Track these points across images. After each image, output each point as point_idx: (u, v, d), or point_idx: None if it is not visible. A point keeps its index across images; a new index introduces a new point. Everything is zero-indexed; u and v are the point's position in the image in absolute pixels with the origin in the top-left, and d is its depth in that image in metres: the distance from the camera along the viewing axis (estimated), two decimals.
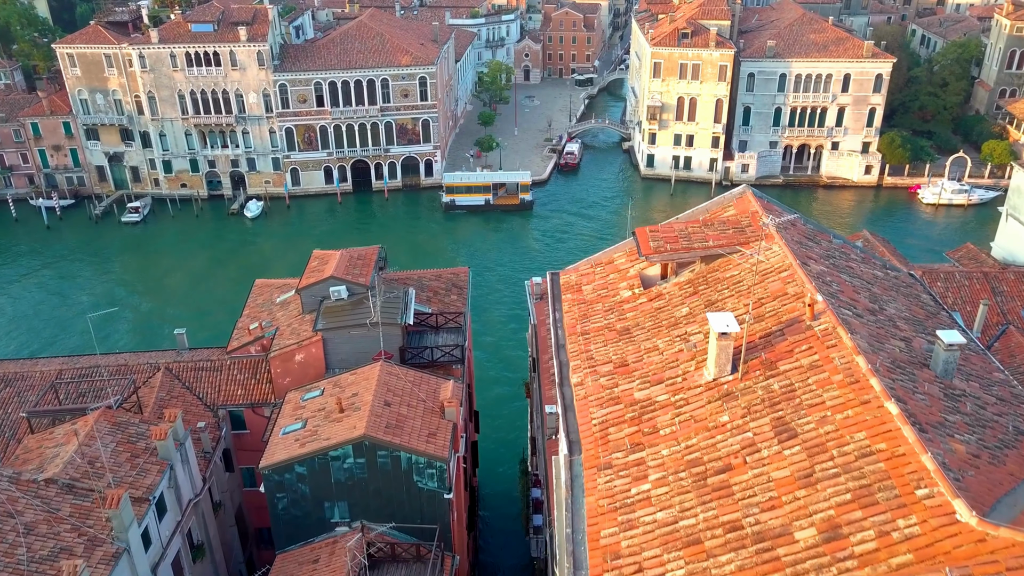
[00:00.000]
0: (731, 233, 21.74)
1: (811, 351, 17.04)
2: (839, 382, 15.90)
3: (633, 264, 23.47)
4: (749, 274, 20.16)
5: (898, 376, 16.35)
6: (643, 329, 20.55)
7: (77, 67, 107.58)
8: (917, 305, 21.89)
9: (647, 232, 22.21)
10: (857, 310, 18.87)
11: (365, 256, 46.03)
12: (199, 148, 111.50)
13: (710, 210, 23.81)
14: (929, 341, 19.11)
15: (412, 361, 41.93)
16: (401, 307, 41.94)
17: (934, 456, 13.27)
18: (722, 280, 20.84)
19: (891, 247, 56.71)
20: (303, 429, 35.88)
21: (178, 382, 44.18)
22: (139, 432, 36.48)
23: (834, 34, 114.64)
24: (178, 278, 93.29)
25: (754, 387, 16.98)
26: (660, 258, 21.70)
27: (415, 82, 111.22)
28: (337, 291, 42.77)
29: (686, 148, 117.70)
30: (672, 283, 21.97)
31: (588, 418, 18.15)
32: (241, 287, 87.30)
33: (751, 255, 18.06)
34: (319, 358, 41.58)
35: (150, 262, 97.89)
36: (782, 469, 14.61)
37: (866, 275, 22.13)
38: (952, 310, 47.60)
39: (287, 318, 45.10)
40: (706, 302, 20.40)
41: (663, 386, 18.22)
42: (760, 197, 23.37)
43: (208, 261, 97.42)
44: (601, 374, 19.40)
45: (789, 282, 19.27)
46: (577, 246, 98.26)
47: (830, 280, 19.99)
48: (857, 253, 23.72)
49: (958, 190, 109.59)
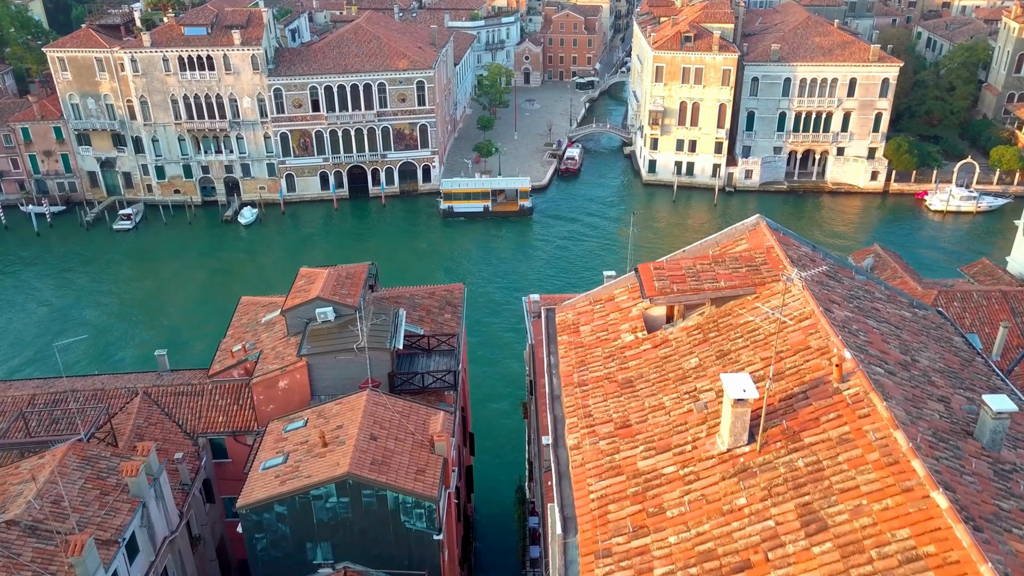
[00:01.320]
0: (744, 272, 19.61)
1: (841, 420, 14.93)
2: (875, 462, 13.79)
3: (636, 303, 21.36)
4: (766, 321, 18.05)
5: (942, 452, 14.25)
6: (647, 382, 18.44)
7: (68, 71, 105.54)
8: (950, 351, 19.77)
9: (651, 270, 20.06)
10: (888, 365, 16.74)
11: (354, 275, 43.89)
12: (192, 154, 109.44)
13: (720, 243, 21.66)
14: (969, 399, 16.99)
15: (402, 387, 39.80)
16: (390, 330, 39.80)
17: (995, 567, 11.16)
18: (735, 327, 18.73)
19: (903, 262, 54.58)
20: (284, 464, 33.74)
21: (157, 408, 42.08)
22: (110, 467, 34.32)
23: (839, 38, 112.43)
24: (167, 290, 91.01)
25: (775, 462, 14.88)
26: (666, 300, 19.58)
27: (412, 86, 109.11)
28: (323, 313, 40.66)
29: (689, 154, 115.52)
30: (679, 327, 19.84)
31: (585, 491, 16.05)
32: (232, 299, 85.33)
33: (772, 313, 15.97)
34: (304, 384, 39.46)
35: (140, 272, 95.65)
36: (812, 572, 12.49)
37: (893, 318, 19.99)
38: (970, 332, 45.47)
39: (272, 340, 42.97)
40: (717, 352, 18.28)
41: (670, 455, 16.11)
42: (775, 229, 21.22)
43: (200, 270, 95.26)
44: (600, 436, 17.29)
45: (812, 332, 17.17)
46: (578, 255, 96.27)
47: (857, 329, 17.86)
48: (881, 290, 21.57)
49: (966, 197, 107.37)
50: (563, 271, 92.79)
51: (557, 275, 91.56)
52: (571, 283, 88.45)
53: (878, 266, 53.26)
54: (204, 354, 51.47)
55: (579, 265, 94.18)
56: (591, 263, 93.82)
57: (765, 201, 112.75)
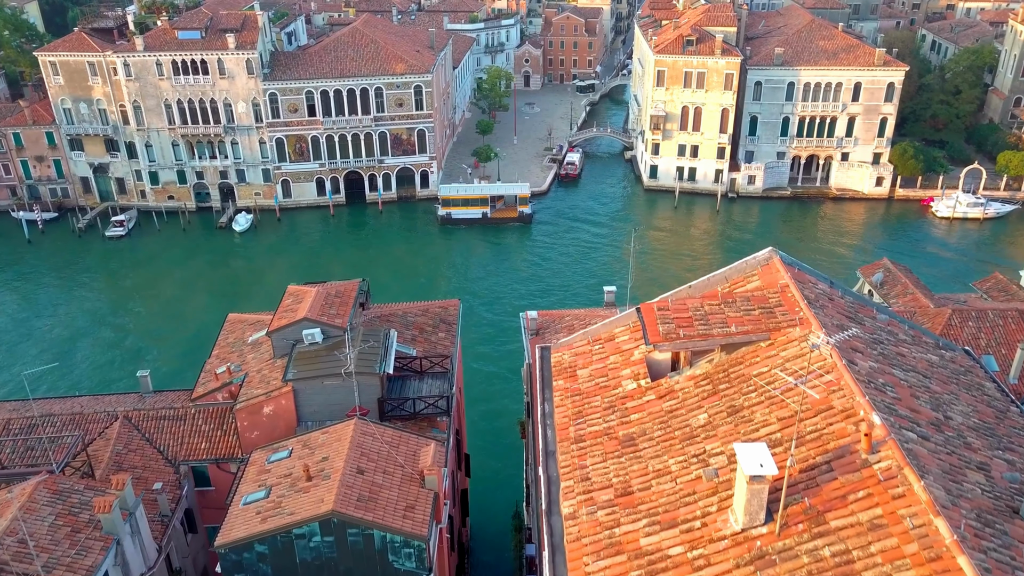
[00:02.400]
0: (757, 315, 17.87)
1: (872, 501, 13.19)
2: (914, 556, 12.03)
3: (638, 344, 19.61)
4: (782, 372, 16.30)
5: (989, 541, 12.52)
6: (651, 440, 16.70)
7: (60, 75, 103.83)
8: (982, 401, 18.02)
9: (655, 311, 18.30)
10: (921, 427, 15.00)
11: (344, 293, 42.13)
12: (186, 159, 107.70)
13: (730, 279, 19.88)
14: (1009, 464, 15.23)
15: (392, 413, 38.04)
16: (380, 353, 38.03)
17: None
18: (747, 378, 16.98)
19: (913, 276, 52.76)
20: (266, 499, 31.95)
21: (137, 433, 40.32)
22: (83, 501, 32.56)
23: (844, 41, 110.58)
24: (157, 301, 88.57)
25: (797, 549, 13.14)
26: (671, 347, 17.82)
27: (410, 91, 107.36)
28: (311, 334, 38.91)
29: (691, 159, 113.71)
30: (686, 375, 18.09)
31: (582, 571, 14.28)
32: (223, 310, 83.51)
33: (798, 384, 14.14)
34: (290, 410, 37.70)
35: (130, 282, 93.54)
36: None
37: (920, 364, 18.22)
38: (985, 353, 43.62)
39: (257, 362, 41.21)
40: (728, 408, 16.53)
41: (677, 532, 14.36)
42: (789, 264, 19.44)
43: (192, 280, 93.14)
44: (599, 504, 15.54)
45: (835, 389, 15.43)
46: (578, 264, 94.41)
47: (884, 383, 16.10)
48: (906, 330, 19.80)
49: (973, 203, 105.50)
50: (563, 280, 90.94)
51: (557, 285, 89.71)
52: (571, 294, 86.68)
53: (888, 281, 51.47)
54: (191, 371, 49.59)
55: (580, 273, 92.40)
56: (592, 273, 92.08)
57: (768, 207, 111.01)
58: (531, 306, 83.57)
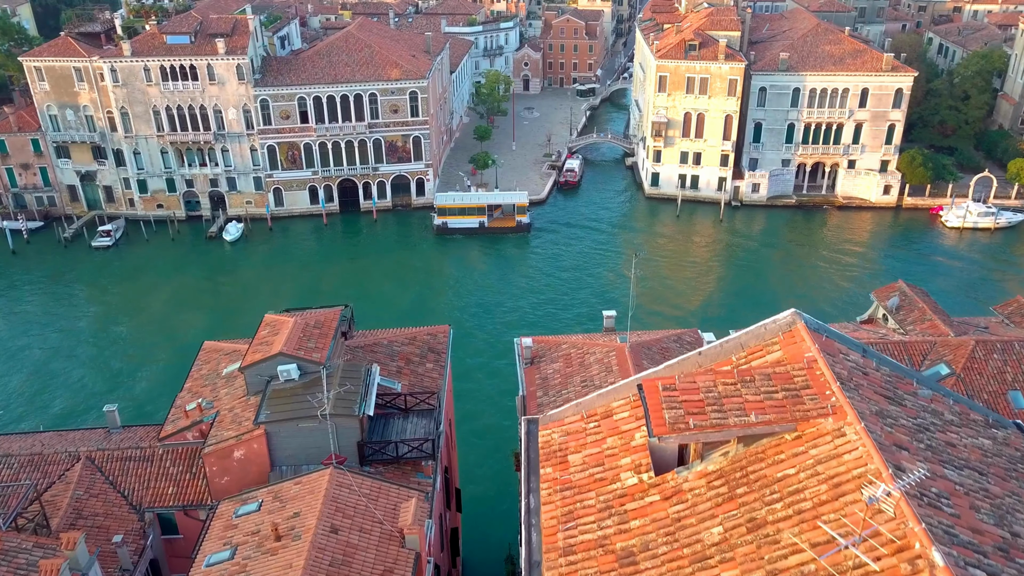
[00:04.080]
0: (781, 398, 15.07)
1: None
2: None
3: (639, 425, 16.80)
4: (812, 477, 13.50)
5: None
6: (655, 558, 13.86)
7: (45, 81, 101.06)
8: None
9: (659, 392, 15.44)
10: (988, 561, 12.16)
11: (324, 323, 39.24)
12: (176, 167, 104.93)
13: (746, 347, 17.01)
14: None
15: (373, 458, 35.21)
16: (360, 392, 35.22)
17: None
18: (770, 480, 14.17)
19: (931, 300, 49.87)
20: (230, 561, 29.12)
21: (100, 476, 37.50)
22: (30, 562, 29.72)
23: (851, 46, 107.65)
24: (142, 316, 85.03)
25: None
26: (679, 439, 14.99)
27: (405, 97, 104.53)
28: (286, 371, 36.06)
29: (693, 167, 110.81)
30: (696, 471, 15.26)
31: None
32: (210, 326, 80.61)
33: (848, 546, 11.18)
34: (262, 455, 34.87)
35: (115, 296, 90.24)
36: None
37: (974, 456, 15.39)
38: (1012, 388, 40.60)
39: (230, 398, 38.37)
40: (748, 521, 13.71)
41: None
42: (816, 329, 16.59)
43: (179, 293, 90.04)
44: None
45: (879, 511, 12.57)
46: (577, 279, 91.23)
47: (938, 492, 13.28)
48: (951, 406, 16.96)
49: (984, 213, 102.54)
50: (562, 294, 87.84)
51: (555, 299, 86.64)
52: (570, 309, 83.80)
53: (904, 306, 48.57)
54: (171, 397, 46.61)
55: (579, 287, 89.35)
56: (591, 286, 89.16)
57: (773, 216, 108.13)
58: (527, 321, 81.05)
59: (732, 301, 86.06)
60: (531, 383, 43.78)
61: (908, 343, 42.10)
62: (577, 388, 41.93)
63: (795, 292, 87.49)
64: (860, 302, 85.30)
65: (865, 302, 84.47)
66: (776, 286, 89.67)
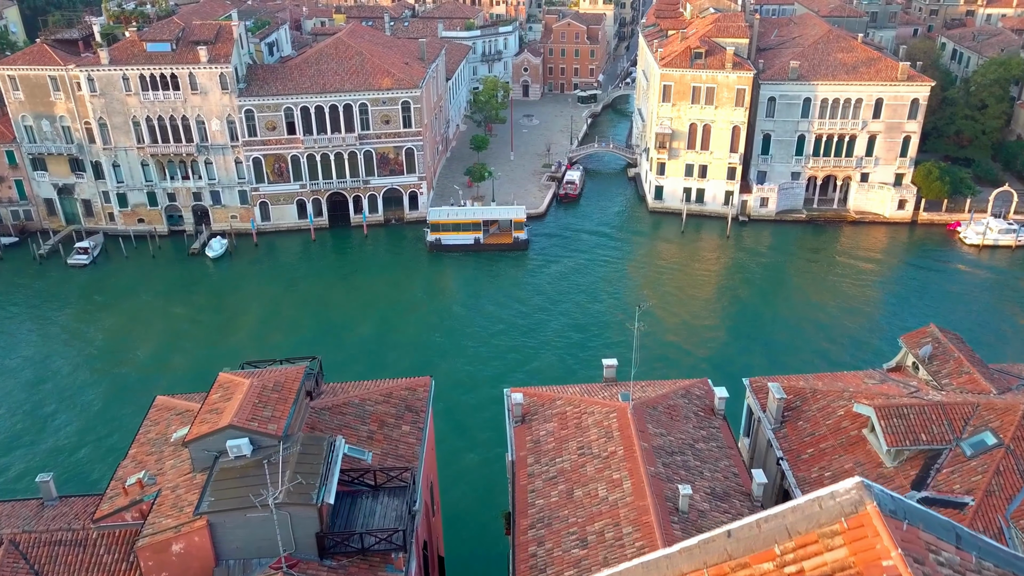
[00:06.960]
0: None
1: None
2: None
3: None
4: None
5: None
6: None
7: (20, 91, 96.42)
8: None
9: None
10: None
11: (284, 385, 34.46)
12: (157, 180, 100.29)
13: (794, 533, 12.17)
14: None
15: (335, 551, 30.43)
16: (321, 473, 30.43)
17: None
18: None
19: (966, 348, 44.90)
20: None
21: (24, 563, 32.74)
22: None
23: (864, 54, 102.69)
24: (112, 348, 78.97)
25: None
26: None
27: (397, 107, 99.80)
28: (236, 447, 31.30)
29: (699, 180, 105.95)
30: None
31: None
32: (186, 359, 75.58)
33: None
34: (205, 549, 30.08)
35: (86, 324, 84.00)
36: None
37: None
38: None
39: (176, 473, 33.62)
40: None
41: None
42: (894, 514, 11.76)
43: (156, 318, 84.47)
44: None
45: None
46: (578, 306, 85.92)
47: None
48: None
49: (1005, 229, 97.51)
50: (560, 323, 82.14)
51: (553, 329, 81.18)
52: (568, 340, 78.80)
53: (937, 354, 43.62)
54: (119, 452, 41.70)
55: (579, 313, 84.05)
56: (592, 313, 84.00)
57: (782, 231, 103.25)
58: (523, 352, 76.01)
59: (742, 329, 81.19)
60: (521, 446, 39.01)
61: (947, 406, 37.23)
62: (573, 456, 37.17)
63: (808, 319, 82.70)
64: (877, 330, 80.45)
65: (882, 331, 79.71)
66: (787, 313, 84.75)
